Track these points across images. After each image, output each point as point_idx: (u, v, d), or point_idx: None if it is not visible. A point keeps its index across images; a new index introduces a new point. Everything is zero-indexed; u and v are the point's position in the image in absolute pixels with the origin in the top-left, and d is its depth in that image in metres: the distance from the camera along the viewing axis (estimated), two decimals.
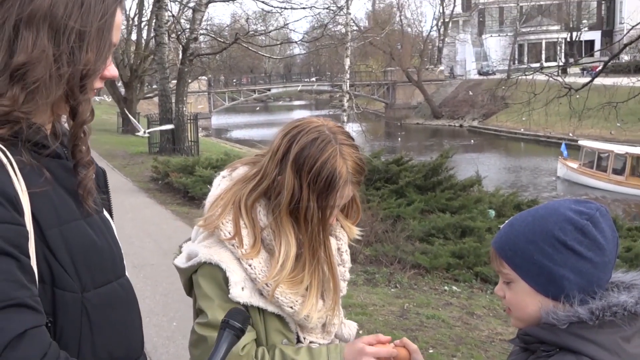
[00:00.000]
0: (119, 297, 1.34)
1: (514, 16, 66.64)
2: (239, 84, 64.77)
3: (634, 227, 11.98)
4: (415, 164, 12.30)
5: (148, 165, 16.38)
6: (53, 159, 1.28)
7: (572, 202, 1.35)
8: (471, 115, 54.51)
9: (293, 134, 1.59)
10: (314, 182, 1.54)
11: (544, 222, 1.33)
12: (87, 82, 1.26)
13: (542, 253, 1.31)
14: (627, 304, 1.26)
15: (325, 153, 1.54)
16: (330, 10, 27.49)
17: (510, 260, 1.36)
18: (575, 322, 1.27)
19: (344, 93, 27.45)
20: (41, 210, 1.20)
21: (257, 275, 1.56)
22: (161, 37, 19.69)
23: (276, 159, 1.59)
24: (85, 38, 1.24)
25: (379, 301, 6.42)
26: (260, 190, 1.60)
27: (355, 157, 1.59)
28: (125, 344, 1.36)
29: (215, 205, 1.63)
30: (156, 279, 6.90)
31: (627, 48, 18.51)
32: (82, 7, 1.23)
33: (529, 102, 13.18)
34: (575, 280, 1.29)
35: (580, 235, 1.29)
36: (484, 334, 5.63)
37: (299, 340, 1.68)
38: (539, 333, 1.32)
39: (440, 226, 9.48)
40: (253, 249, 1.57)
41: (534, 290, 1.33)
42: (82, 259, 1.25)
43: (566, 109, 13.57)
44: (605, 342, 1.26)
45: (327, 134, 1.57)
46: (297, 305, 1.60)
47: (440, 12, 67.44)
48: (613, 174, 26.16)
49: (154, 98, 33.07)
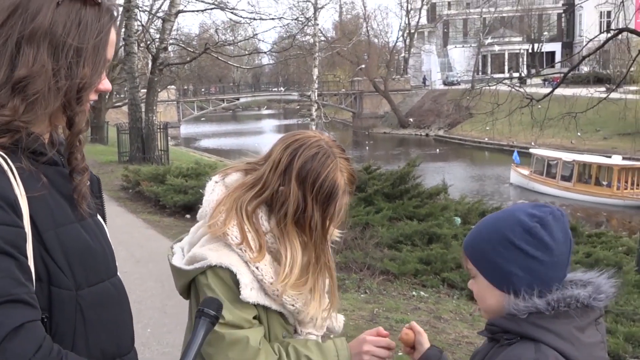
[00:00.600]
0: (111, 295, 1.42)
1: (478, 28, 67.79)
2: (207, 93, 64.50)
3: (594, 233, 12.34)
4: (383, 173, 12.48)
5: (118, 174, 16.24)
6: (50, 166, 1.36)
7: (530, 206, 1.50)
8: (437, 124, 55.19)
9: (295, 147, 1.71)
10: (318, 194, 1.67)
11: (500, 224, 1.49)
12: (83, 94, 1.35)
13: (495, 251, 1.47)
14: (580, 296, 1.41)
15: (326, 166, 1.68)
16: (299, 21, 27.68)
17: (472, 257, 1.53)
18: (534, 313, 1.41)
19: (312, 102, 27.61)
20: (39, 214, 1.28)
21: (263, 277, 1.68)
22: (130, 47, 19.58)
23: (278, 171, 1.70)
24: (82, 54, 1.33)
25: (349, 306, 6.55)
26: (262, 199, 1.71)
27: (350, 169, 1.75)
28: (117, 339, 1.44)
29: (218, 211, 1.71)
30: (129, 287, 6.82)
31: (586, 60, 19.12)
32: (79, 25, 1.33)
33: (492, 112, 13.54)
34: (523, 276, 1.44)
35: (529, 236, 1.44)
36: (451, 337, 5.81)
37: (296, 332, 1.81)
38: (502, 323, 1.46)
39: (408, 233, 9.65)
40: (260, 253, 1.68)
41: (491, 284, 1.49)
42: (77, 259, 1.33)
43: (528, 118, 13.95)
44: (561, 330, 1.40)
45: (326, 148, 1.71)
46: (298, 303, 1.73)
47: (406, 23, 68.23)
48: (562, 181, 27.37)
49: (123, 107, 32.76)
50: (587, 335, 1.43)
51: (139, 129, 20.02)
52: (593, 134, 37.22)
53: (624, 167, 25.93)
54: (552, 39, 71.35)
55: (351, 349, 1.78)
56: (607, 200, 25.48)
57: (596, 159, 28.33)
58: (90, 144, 30.16)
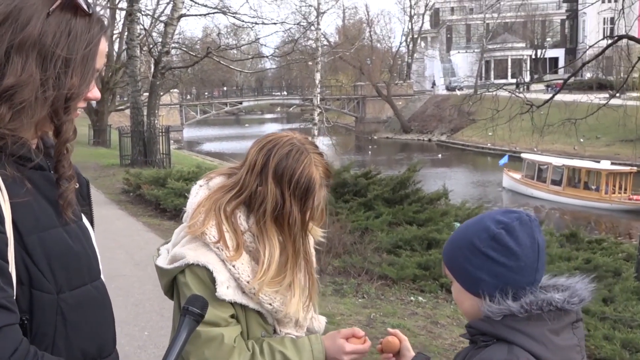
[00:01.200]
0: (93, 298, 1.44)
1: (481, 33, 67.89)
2: (210, 97, 64.62)
3: (594, 239, 12.31)
4: (384, 178, 12.51)
5: (119, 178, 16.28)
6: (36, 171, 1.37)
7: (498, 213, 1.53)
8: (439, 130, 55.24)
9: (269, 147, 1.78)
10: (295, 189, 1.73)
11: (468, 231, 1.53)
12: (70, 104, 1.37)
13: (464, 257, 1.51)
14: (553, 299, 1.43)
15: (301, 162, 1.74)
16: (301, 25, 27.75)
17: (447, 263, 1.57)
18: (509, 315, 1.44)
19: (315, 107, 27.64)
20: (21, 218, 1.29)
21: (240, 275, 1.73)
22: (133, 50, 19.66)
23: (255, 172, 1.76)
24: (70, 64, 1.34)
25: (347, 311, 6.56)
26: (241, 200, 1.77)
27: (324, 164, 1.81)
28: (98, 341, 1.45)
29: (198, 212, 1.77)
30: (128, 290, 6.97)
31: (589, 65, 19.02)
32: (69, 35, 1.33)
33: (492, 117, 13.55)
34: (491, 281, 1.47)
35: (494, 242, 1.47)
36: (447, 342, 5.82)
37: (275, 332, 1.83)
38: (479, 325, 1.49)
39: (407, 238, 9.66)
40: (237, 251, 1.73)
41: (463, 288, 1.53)
42: (59, 263, 1.34)
43: (529, 124, 13.97)
44: (534, 333, 1.42)
45: (299, 145, 1.77)
46: (275, 302, 1.77)
47: (409, 29, 68.40)
48: (552, 185, 28.14)
49: (126, 110, 32.79)
50: (562, 338, 1.45)
51: (141, 133, 20.06)
52: (595, 141, 37.21)
53: (612, 171, 26.44)
54: (555, 45, 71.41)
55: (327, 349, 1.80)
56: (595, 204, 26.04)
57: (585, 163, 29.01)
58: (92, 147, 30.28)
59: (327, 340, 1.82)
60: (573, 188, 27.37)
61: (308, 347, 1.78)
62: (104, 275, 1.56)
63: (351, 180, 11.99)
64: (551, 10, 71.99)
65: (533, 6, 62.34)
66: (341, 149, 36.81)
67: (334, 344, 1.80)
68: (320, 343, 1.80)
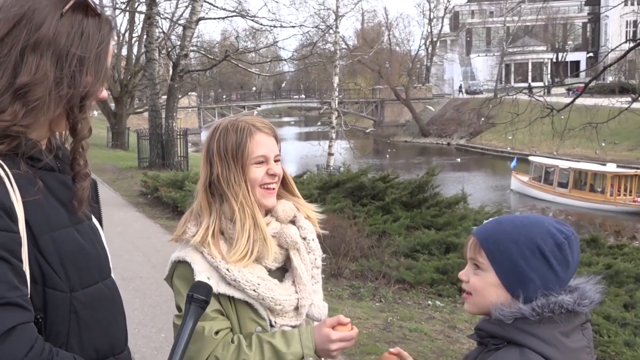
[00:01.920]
0: (104, 296, 1.46)
1: (501, 36, 67.48)
2: (228, 100, 64.93)
3: (615, 245, 12.17)
4: (402, 181, 12.47)
5: (137, 180, 16.40)
6: (47, 172, 1.40)
7: (554, 221, 1.53)
8: (458, 133, 54.95)
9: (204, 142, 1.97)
10: (224, 151, 1.82)
11: (530, 229, 1.49)
12: (86, 102, 1.40)
13: (521, 254, 1.47)
14: (564, 302, 1.43)
15: (220, 130, 1.86)
16: (319, 29, 27.77)
17: (490, 252, 1.51)
18: (520, 318, 1.43)
19: (333, 110, 27.67)
20: (34, 218, 1.32)
21: (218, 264, 1.76)
22: (151, 53, 19.82)
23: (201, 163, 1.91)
24: (85, 63, 1.38)
25: (364, 314, 6.54)
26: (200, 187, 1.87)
27: (252, 118, 1.90)
28: (110, 339, 1.47)
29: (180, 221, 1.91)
30: (145, 292, 7.00)
31: (611, 69, 18.78)
32: (82, 36, 1.38)
33: (512, 121, 13.45)
34: (540, 285, 1.46)
35: (557, 249, 1.46)
36: (465, 347, 5.76)
37: (272, 325, 1.82)
38: (489, 327, 1.49)
39: (425, 242, 9.61)
40: (209, 237, 1.78)
41: (501, 283, 1.49)
42: (71, 262, 1.37)
43: (550, 128, 13.83)
44: (545, 335, 1.42)
45: (219, 121, 1.93)
46: (260, 288, 1.77)
47: (428, 32, 68.18)
48: (558, 187, 28.64)
49: (144, 113, 33.06)
50: (572, 340, 1.45)
51: (159, 135, 20.20)
52: (616, 145, 36.76)
53: (617, 174, 26.90)
54: (576, 48, 70.74)
55: (315, 341, 1.79)
56: (600, 206, 26.39)
57: (591, 166, 29.46)
58: (111, 149, 30.56)
59: (315, 330, 1.81)
60: (579, 190, 27.83)
61: (297, 337, 1.78)
62: (121, 277, 1.58)
63: (369, 184, 11.96)
64: (572, 14, 71.39)
65: (554, 9, 61.86)
66: (359, 152, 36.75)
67: (321, 333, 1.78)
68: (310, 332, 1.79)
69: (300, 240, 1.90)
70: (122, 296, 1.56)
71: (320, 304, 1.93)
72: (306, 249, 1.92)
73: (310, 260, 1.92)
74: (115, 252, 9.07)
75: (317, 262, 1.94)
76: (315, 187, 11.79)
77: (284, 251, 1.87)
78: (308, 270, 1.89)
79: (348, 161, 24.21)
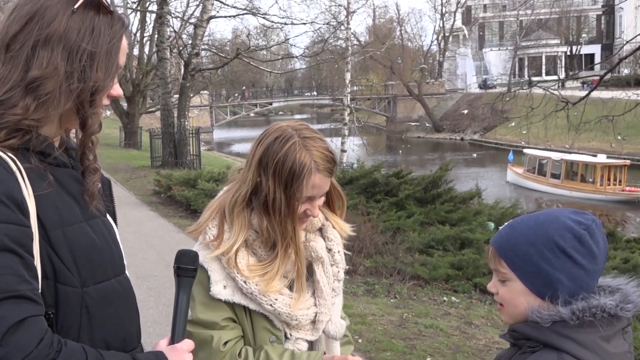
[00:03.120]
0: (117, 293, 1.46)
1: (514, 30, 66.99)
2: (241, 98, 65.00)
3: (632, 239, 12.07)
4: (415, 177, 12.41)
5: (150, 179, 16.46)
6: (59, 167, 1.41)
7: (571, 212, 1.44)
8: (472, 128, 54.61)
9: (260, 138, 1.76)
10: (279, 174, 1.67)
11: (545, 228, 1.42)
12: (96, 97, 1.42)
13: (541, 256, 1.39)
14: (606, 306, 1.35)
15: (286, 146, 1.68)
16: (331, 25, 27.70)
17: (510, 261, 1.44)
18: (558, 321, 1.36)
19: (345, 107, 27.62)
20: (46, 213, 1.33)
21: (235, 275, 1.69)
22: (163, 53, 19.85)
23: (248, 164, 1.75)
24: (95, 58, 1.40)
25: (379, 311, 6.50)
26: (241, 196, 1.74)
27: (320, 147, 1.72)
28: (122, 335, 1.47)
29: (204, 213, 1.79)
30: (159, 290, 7.00)
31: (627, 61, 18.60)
32: (93, 32, 1.40)
33: (526, 116, 13.31)
34: (568, 284, 1.38)
35: (578, 243, 1.38)
36: (482, 343, 5.72)
37: (286, 336, 1.76)
38: (525, 330, 1.42)
39: (439, 238, 9.56)
40: (230, 249, 1.70)
41: (528, 290, 1.42)
42: (83, 258, 1.38)
43: (565, 122, 13.68)
44: (585, 340, 1.35)
45: (290, 131, 1.72)
46: (277, 304, 1.70)
47: (440, 27, 67.78)
48: (551, 178, 29.97)
49: (156, 112, 33.21)
50: (613, 345, 1.38)
51: (172, 134, 20.25)
52: (634, 138, 36.40)
53: (606, 164, 28.06)
54: (591, 41, 70.03)
55: None
56: (591, 196, 27.52)
57: (582, 157, 30.78)
58: (124, 149, 30.73)
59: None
60: (571, 181, 29.04)
61: None
62: (135, 275, 1.56)
63: (382, 180, 11.91)
64: (586, 6, 70.67)
65: (568, 2, 61.28)
66: (372, 148, 36.68)
67: None
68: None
69: (326, 254, 1.84)
70: (137, 295, 1.56)
71: (337, 322, 1.86)
72: (330, 262, 1.85)
73: (332, 273, 1.85)
74: (129, 251, 9.11)
75: (339, 275, 1.88)
76: None
77: (307, 262, 1.82)
78: (330, 283, 1.83)
79: (361, 158, 24.17)
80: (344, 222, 1.92)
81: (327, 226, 1.89)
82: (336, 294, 1.88)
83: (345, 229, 1.91)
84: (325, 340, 1.85)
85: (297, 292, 1.75)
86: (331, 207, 1.91)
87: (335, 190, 1.88)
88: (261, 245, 1.74)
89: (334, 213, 1.91)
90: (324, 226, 1.88)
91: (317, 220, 1.84)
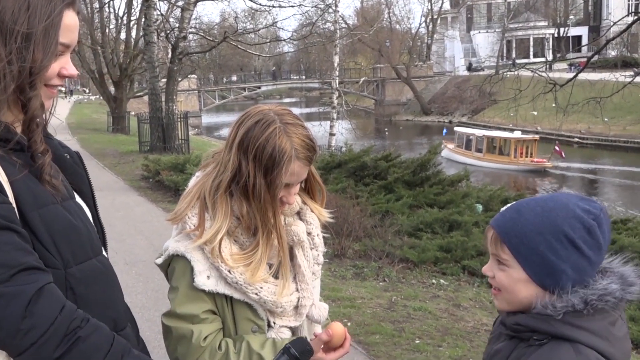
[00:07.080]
0: (99, 272, 1.46)
1: (502, 12, 66.91)
2: (229, 82, 64.63)
3: (619, 219, 12.10)
4: (404, 160, 12.42)
5: (139, 164, 16.36)
6: (20, 152, 1.37)
7: (579, 199, 1.38)
8: (460, 111, 54.70)
9: (240, 120, 1.71)
10: (259, 159, 1.64)
11: (554, 216, 1.35)
12: (35, 78, 1.36)
13: (548, 246, 1.34)
14: (612, 291, 1.33)
15: (267, 131, 1.64)
16: (319, 8, 27.51)
17: (514, 248, 1.38)
18: (568, 312, 1.32)
19: (334, 90, 27.50)
20: (22, 196, 1.32)
21: (219, 265, 1.65)
22: (150, 36, 19.66)
23: (228, 147, 1.70)
24: (31, 39, 1.34)
25: (367, 294, 6.52)
26: (221, 181, 1.69)
27: (301, 135, 1.68)
28: (110, 315, 1.46)
29: (183, 199, 1.73)
30: (147, 276, 6.97)
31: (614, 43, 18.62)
32: (28, 9, 1.34)
33: (515, 98, 13.33)
34: (572, 275, 1.34)
35: (587, 234, 1.33)
36: (470, 325, 5.75)
37: (269, 325, 1.74)
38: (531, 322, 1.36)
39: (428, 221, 9.60)
40: (214, 238, 1.65)
41: (529, 278, 1.37)
42: (62, 239, 1.37)
43: (553, 104, 13.72)
44: (597, 328, 1.32)
45: (272, 115, 1.68)
46: (262, 292, 1.68)
47: (429, 9, 67.58)
48: (476, 152, 34.31)
49: (144, 97, 32.92)
50: (617, 328, 1.36)
51: (160, 119, 20.12)
52: (620, 119, 36.64)
53: (519, 139, 32.33)
54: (578, 23, 70.10)
55: None
56: (506, 167, 31.98)
57: (500, 133, 35.64)
58: (112, 134, 30.48)
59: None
60: (491, 154, 33.40)
61: None
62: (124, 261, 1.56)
63: (371, 164, 11.91)
64: None
65: None
66: (361, 132, 36.62)
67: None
68: None
69: (306, 237, 1.82)
70: (125, 280, 1.56)
71: (320, 305, 1.85)
72: (310, 245, 1.84)
73: (312, 257, 1.84)
74: (118, 236, 9.10)
75: (319, 259, 1.87)
76: (318, 168, 11.64)
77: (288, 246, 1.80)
78: (310, 267, 1.82)
79: (350, 141, 24.14)
80: (323, 209, 1.89)
81: (306, 209, 1.86)
82: (316, 277, 1.86)
83: (323, 214, 1.88)
84: (308, 324, 1.84)
85: (282, 280, 1.73)
86: (311, 196, 1.88)
87: (315, 180, 1.86)
88: (243, 232, 1.71)
89: (314, 202, 1.88)
90: (302, 209, 1.85)
91: (295, 204, 1.81)
